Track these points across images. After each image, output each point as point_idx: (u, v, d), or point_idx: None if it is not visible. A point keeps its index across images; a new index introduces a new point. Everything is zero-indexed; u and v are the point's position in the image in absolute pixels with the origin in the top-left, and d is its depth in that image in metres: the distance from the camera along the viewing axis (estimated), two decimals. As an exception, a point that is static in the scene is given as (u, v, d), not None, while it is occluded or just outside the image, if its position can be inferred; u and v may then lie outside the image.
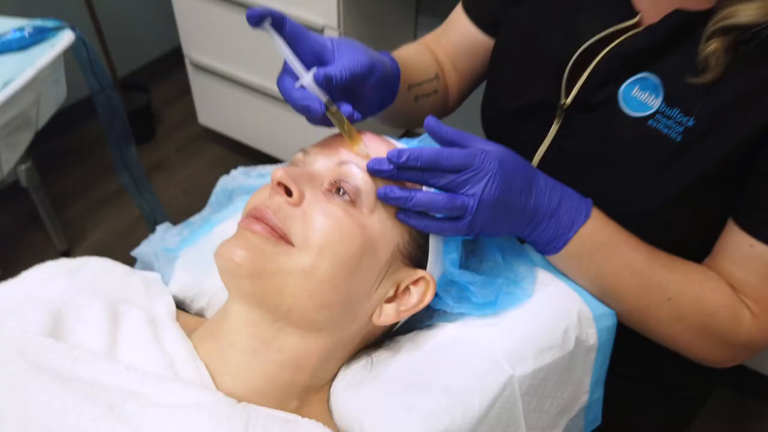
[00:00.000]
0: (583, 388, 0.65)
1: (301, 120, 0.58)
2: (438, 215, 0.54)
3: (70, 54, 1.07)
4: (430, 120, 0.53)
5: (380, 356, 0.58)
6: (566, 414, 0.65)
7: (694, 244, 0.63)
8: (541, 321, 0.59)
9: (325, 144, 0.58)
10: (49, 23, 1.05)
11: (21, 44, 1.01)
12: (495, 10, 0.74)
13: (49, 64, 1.01)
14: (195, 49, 1.94)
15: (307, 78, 0.53)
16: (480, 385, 0.54)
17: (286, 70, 0.56)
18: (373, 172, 0.53)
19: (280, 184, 0.53)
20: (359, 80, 0.55)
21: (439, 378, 0.54)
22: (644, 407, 0.80)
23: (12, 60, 0.99)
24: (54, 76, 1.07)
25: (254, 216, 0.52)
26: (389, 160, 0.51)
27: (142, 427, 0.44)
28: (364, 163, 0.54)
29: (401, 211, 0.54)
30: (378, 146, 0.57)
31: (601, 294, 0.61)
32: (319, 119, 0.55)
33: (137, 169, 1.23)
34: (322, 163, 0.56)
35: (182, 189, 2.06)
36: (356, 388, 0.54)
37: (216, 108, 2.07)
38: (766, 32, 0.53)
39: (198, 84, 2.04)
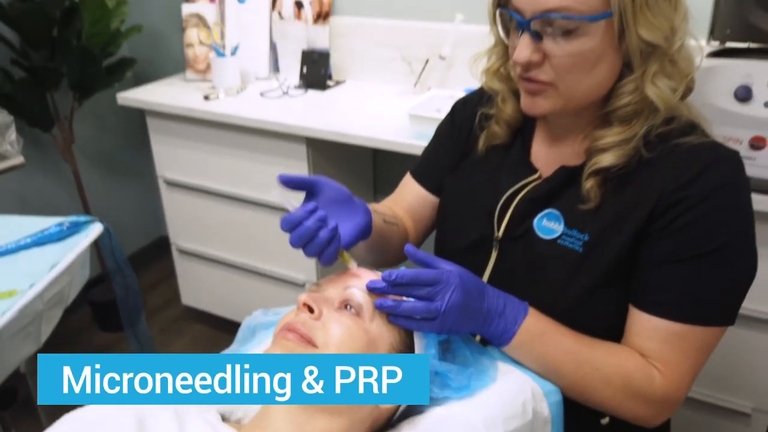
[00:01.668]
0: (547, 459, 0.82)
1: (278, 292, 0.81)
2: (418, 317, 0.75)
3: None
4: (408, 246, 0.76)
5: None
6: (533, 480, 0.81)
7: (609, 329, 0.83)
8: (505, 397, 0.77)
9: (331, 279, 0.80)
10: (83, 218, 1.29)
11: (60, 236, 1.24)
12: (438, 177, 1.02)
13: (83, 250, 1.23)
14: (181, 236, 2.19)
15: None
16: (465, 445, 0.71)
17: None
18: (372, 289, 0.74)
19: (305, 304, 0.74)
20: (342, 199, 0.80)
21: (435, 443, 0.71)
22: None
23: (54, 248, 1.21)
24: (82, 261, 1.28)
25: (287, 328, 0.72)
26: (383, 279, 0.73)
27: None
28: (362, 286, 0.76)
29: (392, 315, 0.75)
30: (370, 274, 0.79)
31: (546, 373, 0.81)
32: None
33: (145, 336, 1.40)
34: (332, 290, 0.77)
35: (168, 366, 2.18)
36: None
37: (199, 288, 2.27)
38: (622, 171, 0.80)
39: (182, 267, 2.25)
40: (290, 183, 0.79)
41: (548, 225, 0.85)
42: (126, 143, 2.57)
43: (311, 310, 0.73)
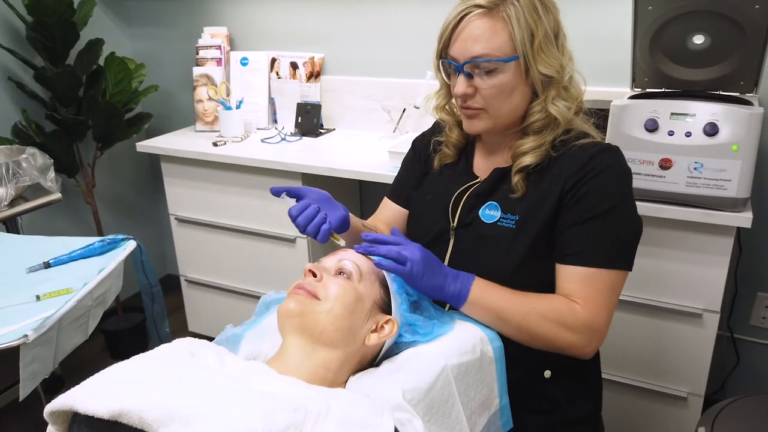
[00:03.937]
0: (494, 393, 1.06)
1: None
2: (392, 256, 1.00)
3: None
4: (394, 229, 1.04)
5: (372, 369, 1.01)
6: (487, 410, 1.05)
7: (541, 289, 1.07)
8: (460, 339, 1.02)
9: (327, 256, 1.08)
10: (119, 237, 1.56)
11: (102, 250, 1.51)
12: (407, 193, 1.32)
13: (121, 261, 1.49)
14: (189, 268, 2.45)
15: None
16: (429, 368, 0.95)
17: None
18: (357, 249, 1.02)
19: (310, 271, 1.01)
20: (325, 199, 1.11)
21: (407, 367, 0.97)
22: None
23: (98, 259, 1.48)
24: (118, 272, 1.54)
25: (298, 287, 0.99)
26: (362, 238, 1.01)
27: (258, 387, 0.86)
28: (350, 258, 1.03)
29: (375, 258, 1.01)
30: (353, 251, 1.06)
31: (497, 321, 1.04)
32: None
33: (168, 338, 1.64)
34: (329, 262, 1.05)
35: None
36: (361, 378, 0.96)
37: (205, 316, 2.51)
38: (538, 167, 1.09)
39: (190, 297, 2.50)
40: (279, 192, 1.11)
41: (489, 213, 1.14)
42: (139, 189, 2.86)
43: (314, 275, 1.01)
